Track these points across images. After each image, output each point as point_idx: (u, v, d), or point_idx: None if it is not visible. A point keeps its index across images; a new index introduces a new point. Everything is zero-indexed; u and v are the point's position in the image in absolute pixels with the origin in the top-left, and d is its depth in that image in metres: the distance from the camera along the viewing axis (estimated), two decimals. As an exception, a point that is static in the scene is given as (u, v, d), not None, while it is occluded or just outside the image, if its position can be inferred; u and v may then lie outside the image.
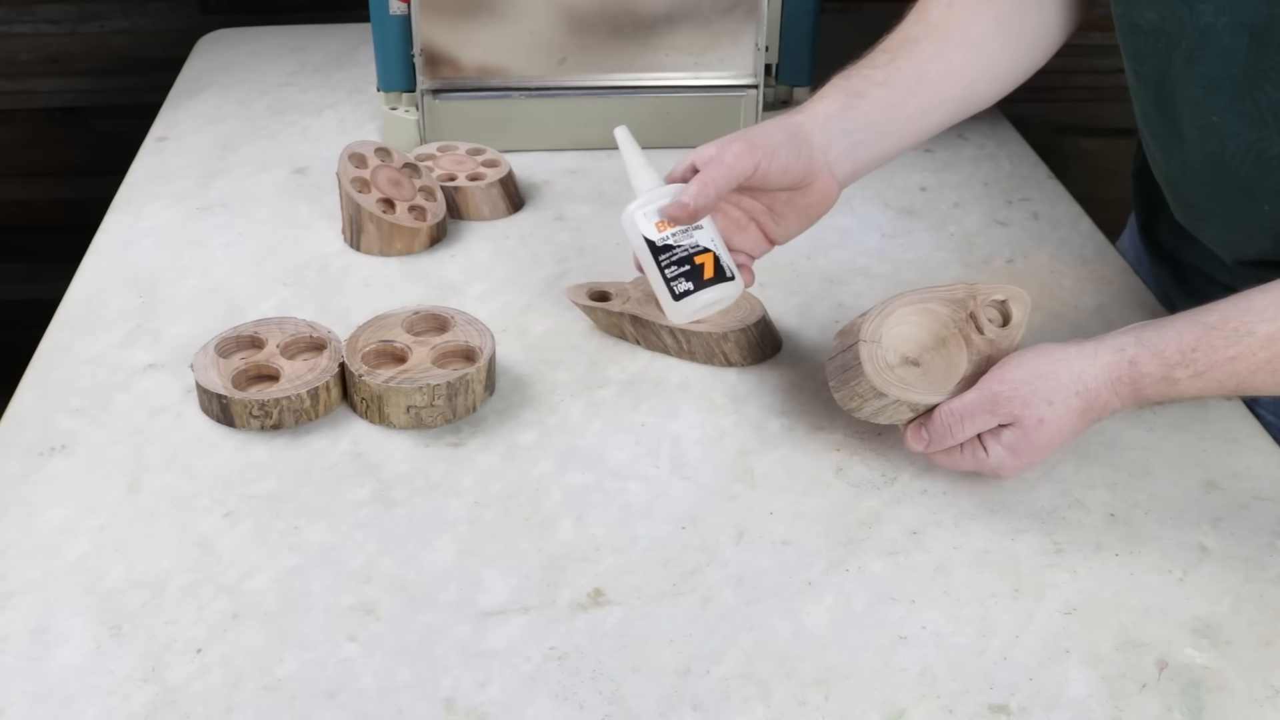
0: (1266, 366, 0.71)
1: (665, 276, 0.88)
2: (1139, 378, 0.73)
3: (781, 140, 0.84)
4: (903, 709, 0.66)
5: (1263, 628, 0.71)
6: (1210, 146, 0.84)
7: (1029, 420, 0.74)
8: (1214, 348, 0.71)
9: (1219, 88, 0.80)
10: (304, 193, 1.19)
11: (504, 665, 0.69)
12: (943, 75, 0.91)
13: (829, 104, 0.88)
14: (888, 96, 0.89)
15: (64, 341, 0.96)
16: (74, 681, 0.67)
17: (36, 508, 0.79)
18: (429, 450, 0.85)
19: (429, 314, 0.93)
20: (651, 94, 1.26)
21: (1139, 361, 0.73)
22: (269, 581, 0.74)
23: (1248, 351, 0.71)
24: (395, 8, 1.19)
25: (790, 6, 1.21)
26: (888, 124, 0.90)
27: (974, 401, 0.76)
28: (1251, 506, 0.80)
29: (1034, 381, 0.74)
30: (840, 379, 0.81)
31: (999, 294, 0.83)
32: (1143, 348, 0.73)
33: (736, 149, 0.83)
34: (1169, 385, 0.73)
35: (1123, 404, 0.75)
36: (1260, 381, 0.72)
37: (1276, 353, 0.71)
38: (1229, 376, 0.72)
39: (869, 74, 0.90)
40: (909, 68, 0.90)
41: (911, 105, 0.90)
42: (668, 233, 0.87)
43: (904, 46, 0.91)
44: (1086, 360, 0.74)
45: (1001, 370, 0.76)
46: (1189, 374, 0.72)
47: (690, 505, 0.80)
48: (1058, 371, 0.74)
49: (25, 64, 1.82)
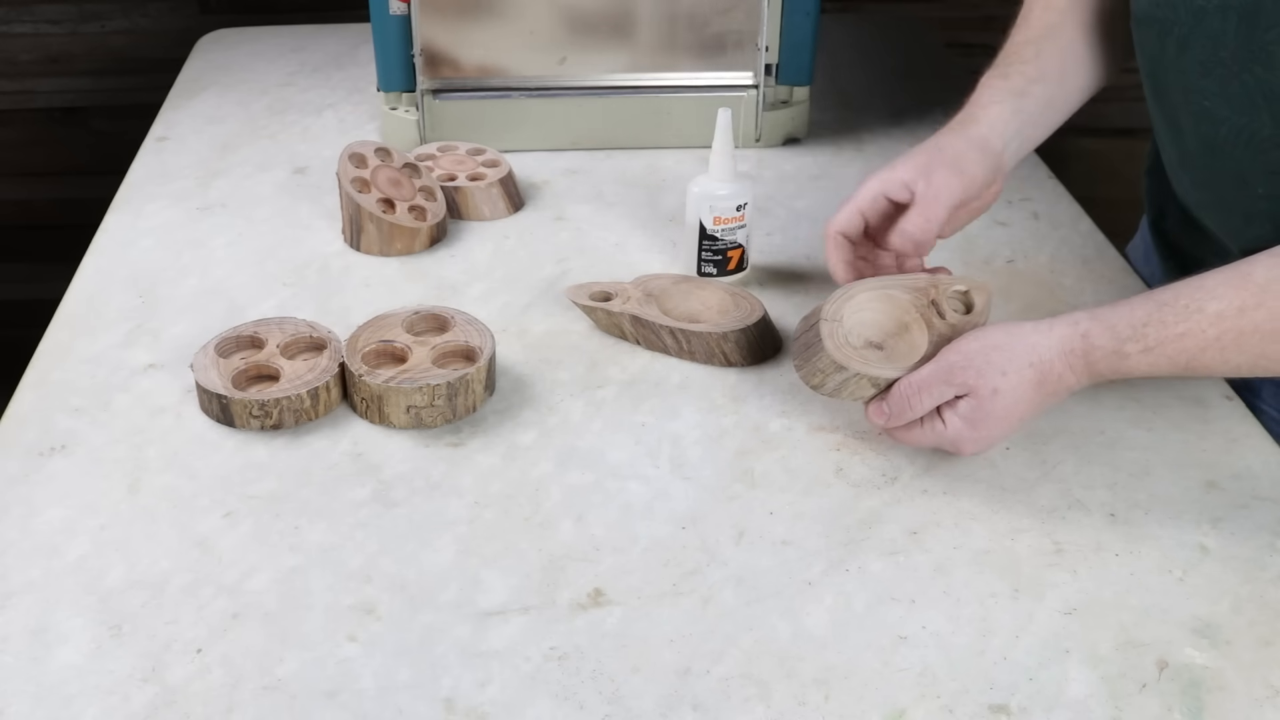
0: (1215, 344, 0.71)
1: (700, 257, 1.03)
2: (1091, 350, 0.74)
3: (978, 163, 0.88)
4: (903, 709, 0.66)
5: (1263, 628, 0.71)
6: (1204, 132, 0.84)
7: (984, 390, 0.76)
8: (1164, 323, 0.72)
9: (1209, 71, 0.81)
10: (304, 193, 1.19)
11: (504, 665, 0.69)
12: (1081, 61, 0.93)
13: (1002, 110, 0.90)
14: (1044, 91, 0.91)
15: (64, 341, 0.96)
16: (74, 681, 0.67)
17: (36, 508, 0.79)
18: (429, 450, 0.85)
19: (429, 314, 0.93)
20: (651, 94, 1.26)
21: (1091, 335, 0.74)
22: (269, 581, 0.74)
23: (1196, 328, 0.72)
24: (395, 8, 1.19)
25: (790, 6, 1.21)
26: (1044, 117, 0.92)
27: (930, 373, 0.77)
28: (1251, 506, 0.80)
29: (989, 353, 0.76)
30: (803, 356, 0.83)
31: (961, 284, 0.85)
32: (1095, 322, 0.74)
33: (945, 182, 0.86)
34: (1120, 359, 0.74)
35: (1077, 378, 0.76)
36: (1209, 360, 0.72)
37: (1224, 330, 0.71)
38: (1179, 353, 0.72)
39: (1024, 69, 0.91)
40: (1055, 58, 0.92)
41: (1059, 96, 0.93)
42: (719, 228, 1.00)
43: (1046, 36, 0.93)
44: (1041, 334, 0.76)
45: (958, 343, 0.78)
46: (1139, 348, 0.73)
47: (690, 505, 0.80)
48: (1012, 344, 0.76)
49: (25, 64, 1.82)
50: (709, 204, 1.00)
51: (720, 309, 0.96)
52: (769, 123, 1.27)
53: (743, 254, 1.03)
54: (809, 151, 1.28)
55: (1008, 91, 0.91)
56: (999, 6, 0.99)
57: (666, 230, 1.13)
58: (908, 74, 1.48)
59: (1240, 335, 0.71)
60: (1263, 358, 0.72)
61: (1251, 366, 0.73)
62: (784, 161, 1.26)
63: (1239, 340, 0.71)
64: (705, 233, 1.01)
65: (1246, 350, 0.71)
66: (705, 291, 0.99)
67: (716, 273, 1.03)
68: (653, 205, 1.17)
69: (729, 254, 1.02)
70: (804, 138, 1.30)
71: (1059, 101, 0.93)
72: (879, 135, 1.32)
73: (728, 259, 1.02)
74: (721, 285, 1.00)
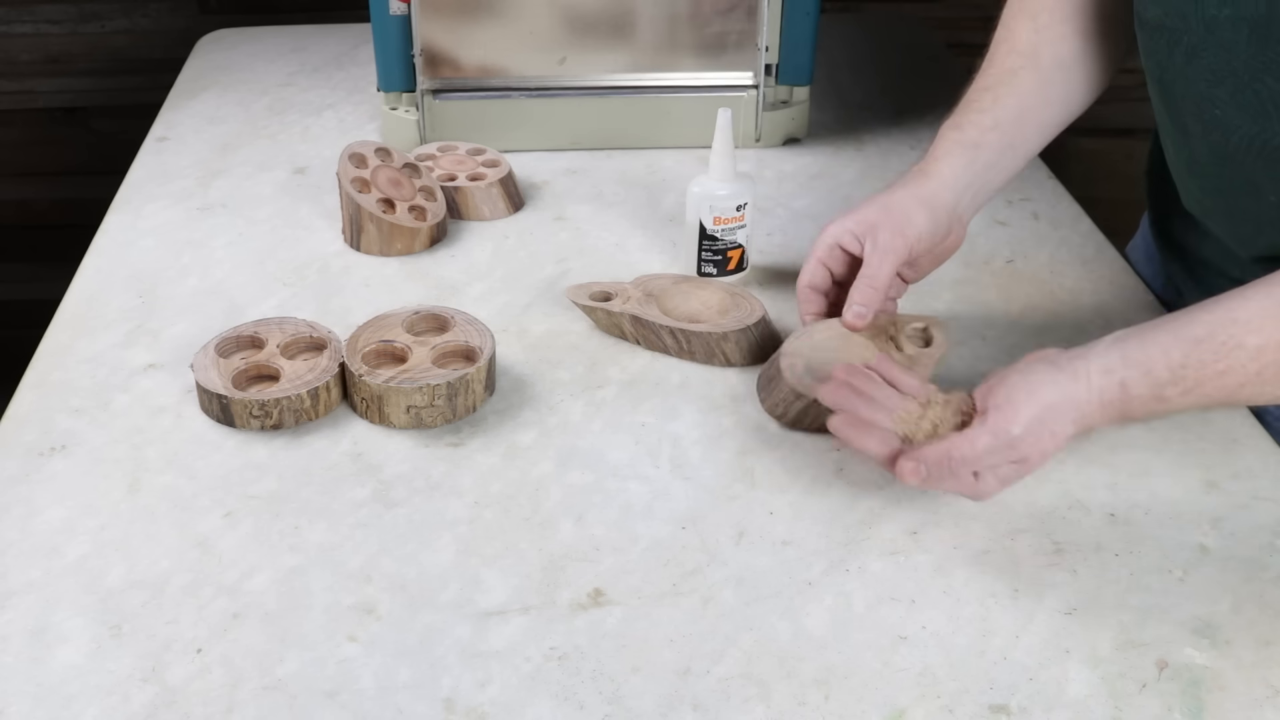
0: (1255, 379, 0.70)
1: (700, 257, 1.03)
2: (1129, 400, 0.72)
3: (924, 221, 0.89)
4: (903, 709, 0.66)
5: (1263, 628, 0.71)
6: (1215, 140, 0.84)
7: (1036, 459, 0.73)
8: (1203, 364, 0.70)
9: (1221, 80, 0.81)
10: (304, 193, 1.19)
11: (504, 665, 0.69)
12: (1044, 103, 0.93)
13: (954, 163, 0.91)
14: (1000, 140, 0.92)
15: (64, 341, 0.96)
16: (74, 681, 0.67)
17: (36, 508, 0.79)
18: (429, 450, 0.85)
19: (429, 314, 0.93)
20: (651, 94, 1.26)
21: (1129, 384, 0.72)
22: (269, 581, 0.74)
23: (1237, 365, 0.70)
24: (395, 8, 1.19)
25: (790, 7, 1.21)
26: (1002, 163, 0.93)
27: (989, 447, 0.72)
28: (1251, 506, 0.80)
29: (1044, 418, 0.72)
30: (765, 390, 0.88)
31: (920, 322, 0.91)
32: (1131, 369, 0.72)
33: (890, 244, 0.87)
34: (1159, 404, 0.72)
35: (1106, 423, 0.74)
36: (1247, 394, 0.71)
37: (1266, 364, 0.70)
38: (1217, 390, 0.71)
39: (978, 119, 0.92)
40: (1013, 103, 0.92)
41: (1019, 142, 0.93)
42: (719, 228, 1.01)
43: (1003, 82, 0.93)
44: (1082, 386, 0.72)
45: (1013, 408, 0.72)
46: (1179, 391, 0.71)
47: (690, 505, 0.80)
48: (1062, 404, 0.72)
49: (25, 64, 1.82)
50: (709, 204, 1.00)
51: (720, 309, 0.96)
52: (769, 123, 1.27)
53: (743, 254, 1.03)
54: (809, 151, 1.28)
55: (960, 144, 0.91)
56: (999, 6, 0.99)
57: (666, 230, 1.13)
58: (908, 74, 1.48)
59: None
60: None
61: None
62: (784, 161, 1.26)
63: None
64: (705, 233, 1.01)
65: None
66: (705, 291, 0.99)
67: (716, 273, 1.03)
68: (653, 205, 1.17)
69: (729, 254, 1.02)
70: (804, 138, 1.30)
71: (1020, 145, 0.93)
72: (879, 135, 1.32)
73: (728, 259, 1.02)
74: (721, 285, 1.00)
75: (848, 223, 0.90)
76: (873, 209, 0.90)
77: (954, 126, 0.93)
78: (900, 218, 0.89)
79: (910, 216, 0.89)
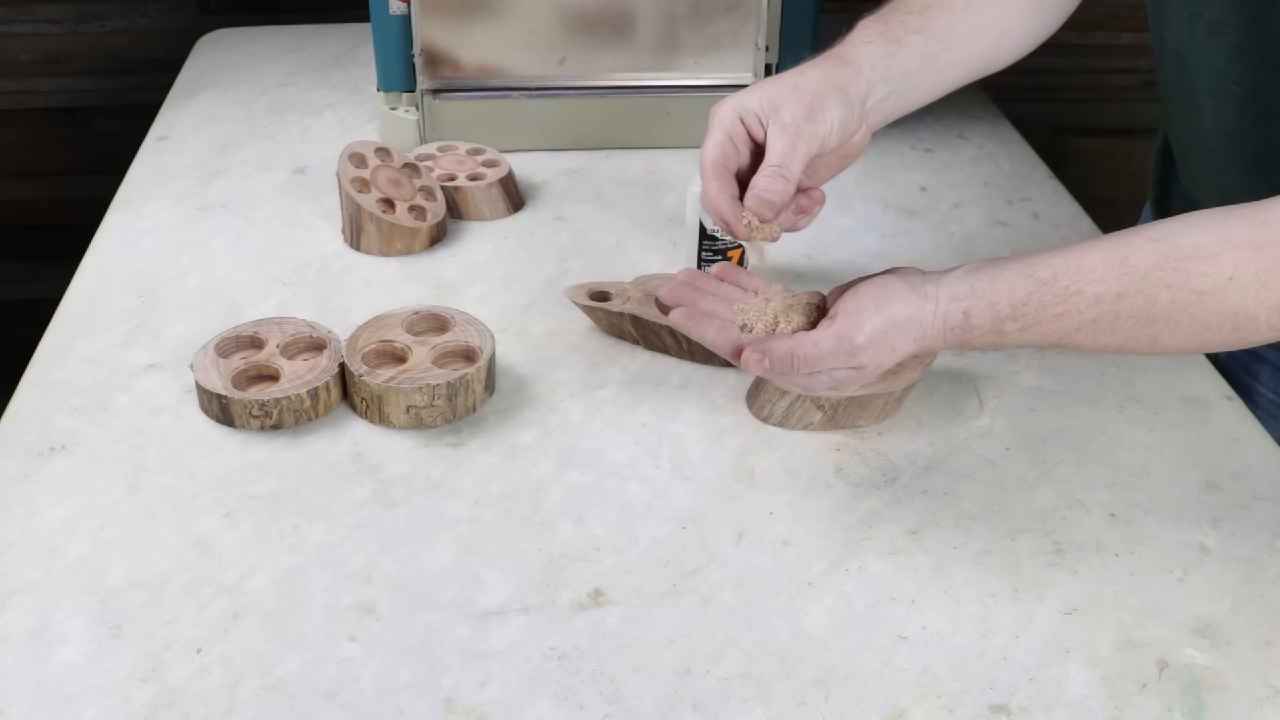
0: (1090, 325, 0.71)
1: (700, 257, 1.02)
2: (970, 329, 0.73)
3: (838, 109, 0.80)
4: (903, 709, 0.66)
5: (1263, 628, 0.71)
6: (1225, 116, 0.84)
7: (872, 367, 0.74)
8: (1043, 305, 0.72)
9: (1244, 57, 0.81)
10: (304, 193, 1.19)
11: (504, 665, 0.69)
12: (973, 30, 0.88)
13: (872, 51, 0.84)
14: (923, 47, 0.85)
15: (64, 341, 0.96)
16: (74, 681, 0.67)
17: (36, 508, 0.79)
18: (429, 450, 0.85)
19: (429, 314, 0.93)
20: (651, 94, 1.26)
21: (972, 314, 0.73)
22: (269, 581, 0.74)
23: (1074, 310, 0.71)
24: (395, 8, 1.19)
25: (790, 6, 1.21)
26: (919, 76, 0.86)
27: (831, 351, 0.73)
28: (1251, 506, 0.80)
29: (888, 331, 0.73)
30: (752, 396, 0.89)
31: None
32: (977, 300, 0.73)
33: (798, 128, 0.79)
34: (997, 336, 0.73)
35: (946, 346, 0.75)
36: (1082, 339, 0.72)
37: (1101, 313, 0.71)
38: (1053, 331, 0.72)
39: (906, 20, 0.86)
40: (943, 18, 0.87)
41: (942, 59, 0.87)
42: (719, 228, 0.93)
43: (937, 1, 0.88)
44: (929, 308, 0.74)
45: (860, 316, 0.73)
46: (1017, 327, 0.73)
47: (690, 505, 0.80)
48: (906, 321, 0.74)
49: (25, 64, 1.82)
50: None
51: (720, 309, 0.97)
52: (769, 123, 1.27)
53: (743, 254, 1.03)
54: (809, 151, 1.28)
55: (882, 35, 0.84)
56: (999, 7, 0.99)
57: (666, 230, 1.13)
58: (908, 74, 1.48)
59: (1116, 319, 0.71)
60: (1131, 340, 0.71)
61: (1120, 347, 0.72)
62: (784, 161, 1.26)
63: (1114, 324, 0.71)
64: (705, 233, 1.01)
65: (1119, 333, 0.71)
66: (705, 291, 0.99)
67: None
68: (653, 205, 1.17)
69: (729, 254, 1.02)
70: (804, 138, 1.30)
71: (941, 62, 0.87)
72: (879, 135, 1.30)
73: (728, 259, 1.02)
74: (721, 285, 1.00)
75: (750, 100, 0.80)
76: (780, 87, 0.80)
77: (878, 19, 0.87)
78: (811, 100, 0.79)
79: (824, 100, 0.79)
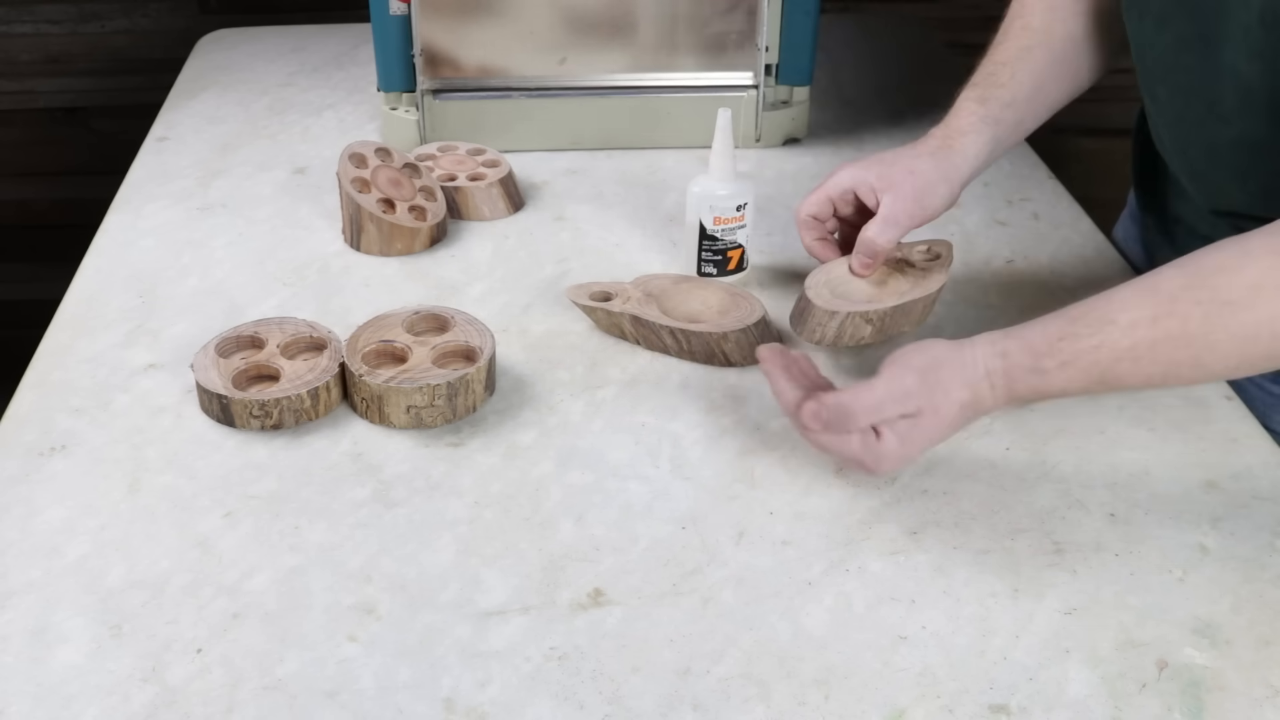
0: (1129, 354, 0.71)
1: (700, 257, 1.03)
2: (1011, 369, 0.74)
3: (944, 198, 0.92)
4: (903, 709, 0.66)
5: (1263, 628, 0.71)
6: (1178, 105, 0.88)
7: (928, 410, 0.75)
8: (1078, 336, 0.72)
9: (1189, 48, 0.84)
10: (304, 193, 1.19)
11: (504, 665, 0.69)
12: (1055, 80, 0.96)
13: (978, 140, 0.93)
14: (1014, 116, 0.95)
15: (64, 341, 0.96)
16: (74, 681, 0.67)
17: (36, 508, 0.79)
18: (429, 450, 0.85)
19: (429, 314, 0.93)
20: (651, 94, 1.26)
21: (1009, 354, 0.74)
22: (269, 581, 0.74)
23: (1109, 340, 0.72)
24: (395, 8, 1.19)
25: (790, 7, 1.21)
26: (1009, 140, 0.96)
27: (884, 395, 0.75)
28: (1251, 506, 0.80)
29: (938, 370, 0.75)
30: (799, 321, 0.92)
31: (923, 245, 0.97)
32: (1012, 340, 0.75)
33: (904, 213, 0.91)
34: (1039, 376, 0.74)
35: (995, 400, 0.75)
36: (1123, 371, 0.72)
37: (1138, 340, 0.71)
38: (1093, 365, 0.72)
39: (999, 94, 0.94)
40: (1029, 80, 0.95)
41: (1028, 118, 0.96)
42: (719, 228, 1.01)
43: (1020, 59, 0.95)
44: (967, 353, 0.75)
45: (906, 359, 0.76)
46: (1055, 364, 0.73)
47: (690, 505, 0.80)
48: (952, 360, 0.75)
49: (25, 64, 1.82)
50: (709, 204, 1.00)
51: (720, 309, 0.97)
52: (769, 123, 1.27)
53: (743, 254, 1.03)
54: (809, 151, 1.28)
55: (984, 120, 0.94)
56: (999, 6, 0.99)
57: (666, 230, 1.13)
58: (908, 74, 1.49)
59: (1153, 344, 0.71)
60: (1175, 365, 0.71)
61: (1164, 376, 0.72)
62: (784, 161, 1.26)
63: (1152, 349, 0.71)
64: (705, 233, 1.01)
65: (1159, 359, 0.71)
66: (705, 291, 0.99)
67: (716, 273, 1.03)
68: (653, 205, 1.17)
69: (729, 254, 1.02)
70: (804, 138, 1.30)
71: (1028, 122, 0.97)
72: (879, 135, 1.32)
73: (728, 259, 1.02)
74: (721, 285, 1.00)
75: (869, 175, 0.92)
76: (897, 170, 0.92)
77: (978, 100, 0.94)
78: (924, 188, 0.91)
79: (934, 189, 0.91)
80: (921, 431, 0.75)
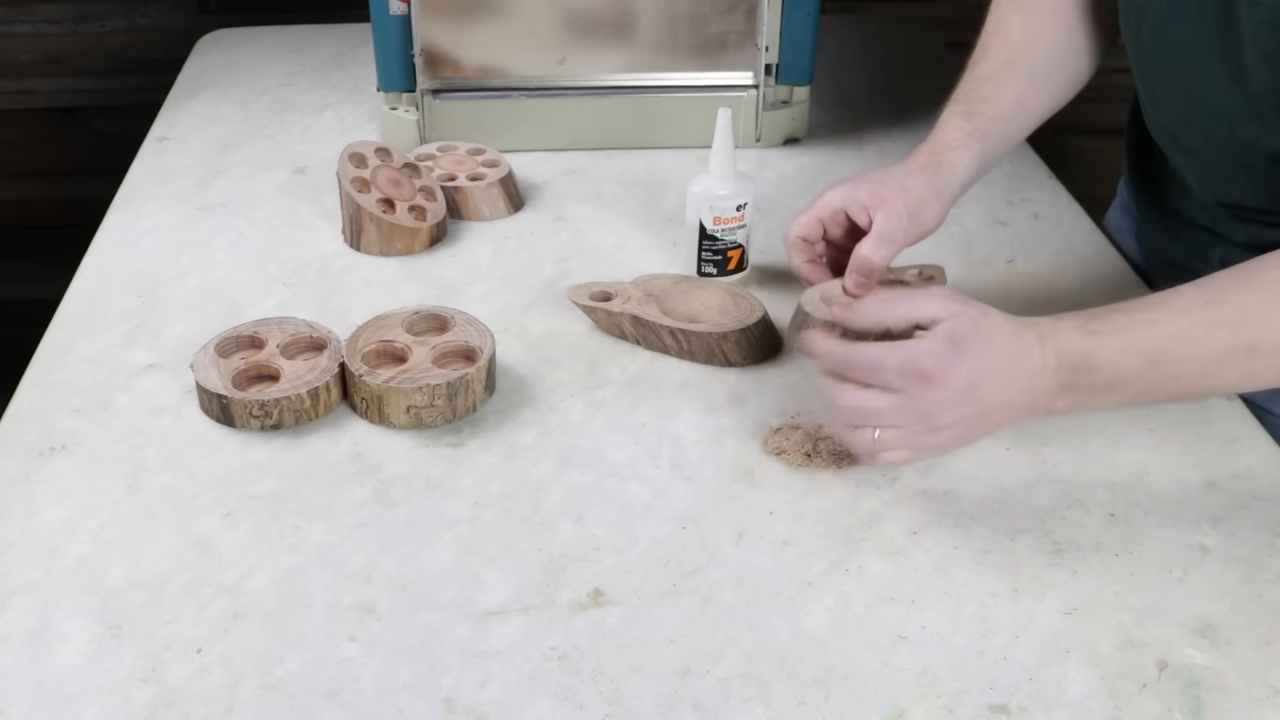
0: (1183, 336, 0.70)
1: (700, 257, 1.03)
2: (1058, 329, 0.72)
3: (935, 214, 0.91)
4: (903, 709, 0.66)
5: (1263, 628, 0.71)
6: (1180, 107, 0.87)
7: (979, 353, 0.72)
8: (1131, 310, 0.72)
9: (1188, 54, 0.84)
10: (304, 193, 1.19)
11: (504, 665, 0.69)
12: (1037, 94, 0.96)
13: (966, 156, 0.92)
14: (1001, 130, 0.95)
15: (64, 341, 0.96)
16: (74, 681, 0.67)
17: (36, 508, 0.79)
18: (429, 450, 0.85)
19: (429, 314, 0.93)
20: (651, 94, 1.26)
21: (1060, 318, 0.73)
22: (269, 581, 0.74)
23: (1165, 318, 0.71)
24: (395, 8, 1.19)
25: (790, 6, 1.21)
26: (995, 155, 0.96)
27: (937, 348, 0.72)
28: (1251, 506, 0.80)
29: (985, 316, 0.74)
30: (796, 337, 0.93)
31: (915, 269, 0.97)
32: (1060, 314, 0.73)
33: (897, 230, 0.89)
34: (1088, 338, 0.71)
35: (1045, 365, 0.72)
36: (1178, 354, 0.70)
37: (1194, 320, 0.70)
38: (1146, 341, 0.70)
39: (984, 109, 0.94)
40: (1012, 95, 0.95)
41: (1014, 132, 0.96)
42: (719, 228, 1.01)
43: (1003, 73, 0.95)
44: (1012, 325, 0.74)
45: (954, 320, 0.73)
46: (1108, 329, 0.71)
47: (690, 505, 0.80)
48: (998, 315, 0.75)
49: (25, 64, 1.82)
50: (709, 204, 1.00)
51: (720, 309, 0.97)
52: (769, 123, 1.27)
53: (743, 254, 1.03)
54: (809, 151, 1.28)
55: (972, 135, 0.93)
56: (998, 7, 1.00)
57: (666, 230, 1.13)
58: (908, 74, 1.48)
59: (1209, 326, 0.70)
60: (1230, 353, 0.70)
61: (1219, 365, 0.70)
62: (784, 161, 1.26)
63: (1208, 332, 0.70)
64: (705, 233, 1.01)
65: (1215, 343, 0.70)
66: (705, 291, 0.99)
67: (716, 273, 1.03)
68: (653, 205, 1.17)
69: (729, 254, 1.02)
70: (804, 138, 1.30)
71: (1013, 137, 0.96)
72: (879, 135, 1.32)
73: (728, 259, 1.02)
74: (721, 285, 1.00)
75: (860, 193, 0.91)
76: (888, 187, 0.91)
77: (963, 115, 0.94)
78: (916, 204, 0.90)
79: (926, 206, 0.90)
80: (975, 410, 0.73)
